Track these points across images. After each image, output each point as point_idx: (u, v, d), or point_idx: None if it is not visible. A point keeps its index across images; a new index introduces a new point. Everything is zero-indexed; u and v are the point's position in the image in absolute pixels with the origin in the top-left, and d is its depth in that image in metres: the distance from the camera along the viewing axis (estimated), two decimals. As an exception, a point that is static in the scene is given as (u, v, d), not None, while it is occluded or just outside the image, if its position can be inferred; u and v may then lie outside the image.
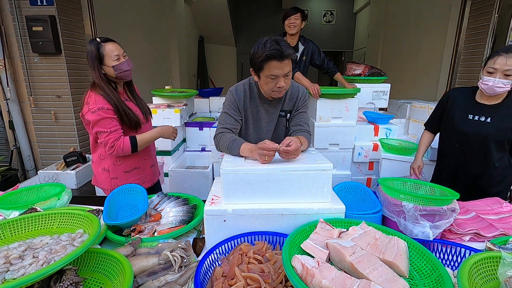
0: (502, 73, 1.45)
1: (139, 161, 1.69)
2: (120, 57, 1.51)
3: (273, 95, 1.37)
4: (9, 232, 0.98)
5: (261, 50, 1.24)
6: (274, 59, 1.22)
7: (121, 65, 1.51)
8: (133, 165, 1.67)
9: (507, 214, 1.33)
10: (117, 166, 1.63)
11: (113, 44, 1.52)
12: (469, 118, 1.63)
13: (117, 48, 1.51)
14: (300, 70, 2.83)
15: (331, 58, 3.03)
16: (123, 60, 1.53)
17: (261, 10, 8.70)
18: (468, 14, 3.28)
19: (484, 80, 1.51)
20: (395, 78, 4.33)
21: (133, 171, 1.68)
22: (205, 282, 0.92)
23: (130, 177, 1.67)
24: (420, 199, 1.17)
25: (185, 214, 1.29)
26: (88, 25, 3.34)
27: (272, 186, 1.12)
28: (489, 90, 1.51)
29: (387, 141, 2.57)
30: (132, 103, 1.66)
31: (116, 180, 1.65)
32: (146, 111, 1.70)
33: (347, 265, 0.85)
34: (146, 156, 1.74)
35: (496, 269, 0.80)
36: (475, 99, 1.65)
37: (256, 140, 1.26)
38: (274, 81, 1.28)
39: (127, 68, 1.53)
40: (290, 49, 1.25)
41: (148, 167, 1.76)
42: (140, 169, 1.71)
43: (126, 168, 1.65)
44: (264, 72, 1.28)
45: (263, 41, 1.26)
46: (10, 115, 3.23)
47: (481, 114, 1.61)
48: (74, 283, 0.77)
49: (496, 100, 1.59)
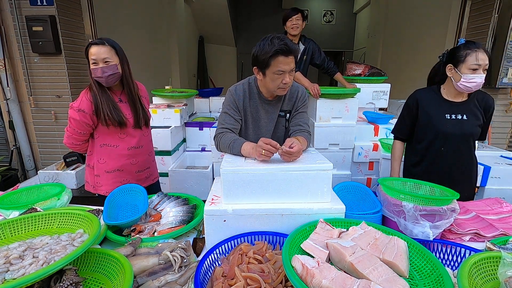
0: (483, 68, 1.44)
1: (123, 164, 1.68)
2: (98, 62, 1.49)
3: (278, 92, 1.37)
4: (9, 232, 0.98)
5: (268, 47, 1.25)
6: (281, 54, 1.24)
7: (95, 71, 1.50)
8: (115, 166, 1.67)
9: (507, 214, 1.33)
10: (100, 164, 1.67)
11: (98, 47, 1.49)
12: (447, 118, 1.58)
13: (97, 52, 1.48)
14: (300, 69, 2.83)
15: (331, 58, 3.03)
16: (100, 66, 1.49)
17: (261, 10, 8.70)
18: (468, 14, 3.28)
19: (469, 79, 1.46)
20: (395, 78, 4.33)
21: (114, 173, 1.68)
22: (205, 282, 0.92)
23: (111, 178, 1.68)
24: (420, 199, 1.17)
25: (185, 214, 1.29)
26: (88, 25, 3.34)
27: (272, 186, 1.12)
28: (476, 88, 1.48)
29: (387, 141, 2.57)
30: (127, 106, 1.65)
31: (98, 178, 1.68)
32: (139, 120, 1.67)
33: (347, 265, 0.85)
34: (133, 161, 1.72)
35: (496, 269, 0.80)
36: (444, 97, 1.62)
37: (255, 140, 1.26)
38: (281, 77, 1.29)
39: (99, 74, 1.50)
40: (295, 46, 1.28)
41: (133, 172, 1.74)
42: (122, 172, 1.69)
43: (108, 168, 1.67)
44: (271, 68, 1.28)
45: (268, 38, 1.27)
46: (10, 115, 3.23)
47: (457, 112, 1.58)
48: (74, 283, 0.77)
49: (463, 97, 1.59)
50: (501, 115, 3.21)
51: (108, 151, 1.65)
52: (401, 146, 1.83)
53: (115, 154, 1.66)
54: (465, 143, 1.60)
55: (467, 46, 1.47)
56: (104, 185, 1.68)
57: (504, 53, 2.95)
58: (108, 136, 1.63)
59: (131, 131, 1.67)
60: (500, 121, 3.22)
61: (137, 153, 1.73)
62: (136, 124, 1.67)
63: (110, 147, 1.65)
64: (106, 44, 1.51)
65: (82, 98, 1.55)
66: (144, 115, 1.71)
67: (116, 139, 1.64)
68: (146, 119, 1.73)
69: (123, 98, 1.66)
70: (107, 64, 1.50)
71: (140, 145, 1.73)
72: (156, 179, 1.95)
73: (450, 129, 1.58)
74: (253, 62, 1.35)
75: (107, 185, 1.67)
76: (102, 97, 1.55)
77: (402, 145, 1.83)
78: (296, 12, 2.62)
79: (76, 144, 1.65)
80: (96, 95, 1.54)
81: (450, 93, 1.60)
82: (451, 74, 1.54)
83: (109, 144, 1.64)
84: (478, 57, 1.43)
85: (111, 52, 1.52)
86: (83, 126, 1.57)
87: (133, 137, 1.69)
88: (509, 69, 2.99)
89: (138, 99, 1.69)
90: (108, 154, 1.66)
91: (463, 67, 1.47)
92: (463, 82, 1.48)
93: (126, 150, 1.67)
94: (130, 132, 1.67)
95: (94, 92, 1.55)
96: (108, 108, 1.55)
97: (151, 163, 1.87)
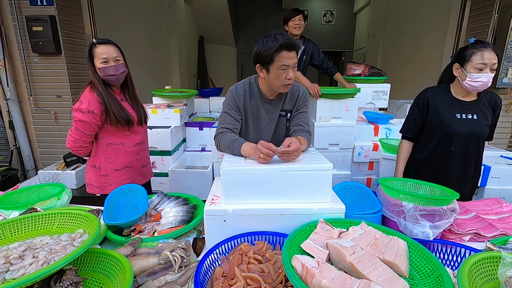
0: (490, 67, 1.43)
1: (130, 161, 1.74)
2: (109, 60, 1.53)
3: (282, 89, 1.37)
4: (9, 232, 0.98)
5: (272, 42, 1.26)
6: (285, 49, 1.26)
7: (107, 69, 1.53)
8: (124, 164, 1.71)
9: (507, 214, 1.33)
10: (108, 163, 1.69)
11: (106, 46, 1.53)
12: (457, 118, 1.56)
13: (108, 51, 1.53)
14: (300, 69, 2.83)
15: (331, 58, 3.03)
16: (112, 64, 1.54)
17: (261, 10, 8.70)
18: (468, 14, 3.28)
19: (474, 78, 1.45)
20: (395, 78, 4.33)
21: (124, 170, 1.72)
22: (205, 282, 0.92)
23: (121, 176, 1.71)
24: (420, 199, 1.17)
25: (185, 214, 1.29)
26: (88, 25, 3.34)
27: (272, 186, 1.12)
28: (482, 87, 1.47)
29: (387, 141, 2.57)
30: (128, 105, 1.70)
31: (106, 177, 1.70)
32: (141, 117, 1.73)
33: (347, 265, 0.85)
34: (138, 157, 1.78)
35: (496, 269, 0.80)
36: (454, 97, 1.60)
37: (256, 140, 1.26)
38: (285, 72, 1.30)
39: (112, 72, 1.54)
40: (297, 41, 1.31)
41: (138, 168, 1.81)
42: (130, 169, 1.75)
43: (117, 166, 1.70)
44: (275, 63, 1.29)
45: (271, 35, 1.28)
46: (10, 115, 3.23)
47: (467, 112, 1.56)
48: (74, 283, 0.77)
49: (472, 96, 1.58)
50: (501, 115, 3.17)
51: (115, 149, 1.68)
52: (408, 146, 1.77)
53: (123, 152, 1.69)
54: (475, 143, 1.58)
55: (474, 45, 1.46)
56: (113, 184, 1.69)
57: (504, 53, 2.95)
58: (113, 135, 1.65)
59: (136, 128, 1.72)
60: (500, 121, 3.17)
61: (141, 149, 1.80)
62: (139, 121, 1.72)
63: (117, 146, 1.68)
64: (112, 43, 1.56)
65: (89, 99, 1.53)
66: (144, 112, 1.77)
67: (122, 137, 1.67)
68: (145, 116, 1.79)
69: (123, 97, 1.70)
70: (118, 62, 1.56)
71: (143, 141, 1.80)
72: (152, 175, 2.00)
73: (460, 129, 1.56)
74: (256, 60, 1.35)
75: (117, 183, 1.68)
76: (109, 96, 1.57)
77: (409, 145, 1.77)
78: (299, 12, 2.65)
79: (84, 146, 1.63)
80: (103, 95, 1.55)
81: (459, 93, 1.59)
82: (458, 73, 1.54)
83: (115, 143, 1.67)
84: (484, 56, 1.42)
85: (118, 51, 1.58)
86: (92, 127, 1.57)
87: (138, 134, 1.74)
88: (509, 69, 2.99)
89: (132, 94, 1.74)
90: (116, 152, 1.68)
91: (468, 66, 1.46)
92: (468, 81, 1.47)
93: (132, 147, 1.72)
94: (134, 129, 1.71)
95: (99, 92, 1.55)
96: (116, 108, 1.57)
97: (149, 159, 1.94)
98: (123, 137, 1.68)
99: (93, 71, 1.55)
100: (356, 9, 8.45)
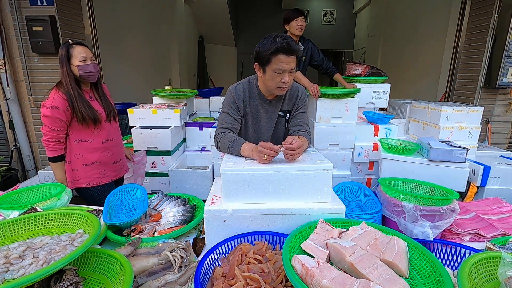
0: None
1: (99, 156, 1.79)
2: (87, 59, 1.66)
3: (277, 92, 1.37)
4: (9, 232, 0.98)
5: (271, 43, 1.26)
6: (283, 52, 1.25)
7: (86, 66, 1.65)
8: (92, 159, 1.77)
9: (507, 214, 1.33)
10: (77, 159, 1.75)
11: (83, 47, 1.67)
12: None
13: (86, 51, 1.66)
14: (299, 69, 2.83)
15: (331, 58, 3.04)
16: (89, 63, 1.66)
17: (261, 10, 8.71)
18: (468, 14, 3.28)
19: None
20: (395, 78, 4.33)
21: (92, 165, 1.78)
22: (205, 282, 0.92)
23: (89, 171, 1.78)
24: (420, 199, 1.17)
25: (185, 214, 1.29)
26: (88, 25, 3.34)
27: (272, 186, 1.12)
28: None
29: (387, 141, 2.56)
30: (97, 102, 1.78)
31: (76, 171, 1.76)
32: (110, 113, 1.81)
33: (347, 265, 0.85)
34: (109, 153, 1.84)
35: (496, 269, 0.80)
36: None
37: (255, 140, 1.26)
38: (280, 76, 1.30)
39: (91, 70, 1.66)
40: (297, 46, 1.29)
41: (109, 163, 1.85)
42: (100, 164, 1.80)
43: (85, 162, 1.76)
44: (272, 65, 1.29)
45: (272, 36, 1.28)
46: (10, 115, 3.23)
47: None
48: (74, 283, 0.77)
49: None
50: (501, 115, 3.21)
51: (83, 146, 1.74)
52: None
53: (91, 148, 1.76)
54: None
55: None
56: (83, 178, 1.77)
57: (504, 53, 2.95)
58: (81, 132, 1.72)
59: (104, 125, 1.79)
60: (500, 121, 3.21)
61: (111, 146, 1.85)
62: (107, 117, 1.79)
63: (85, 142, 1.74)
64: (86, 45, 1.70)
65: (54, 96, 1.62)
66: (113, 109, 1.85)
67: (90, 133, 1.74)
68: (114, 113, 1.87)
69: (93, 95, 1.78)
70: (93, 62, 1.69)
71: (112, 137, 1.85)
72: (126, 171, 2.06)
73: None
74: (255, 59, 1.35)
75: (86, 177, 1.77)
76: (77, 95, 1.65)
77: None
78: (301, 13, 2.65)
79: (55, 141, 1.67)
80: (70, 93, 1.63)
81: None
82: None
83: (83, 140, 1.74)
84: None
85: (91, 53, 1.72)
86: (57, 122, 1.64)
87: (106, 130, 1.81)
88: (509, 69, 2.99)
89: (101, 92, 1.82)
90: (84, 148, 1.75)
91: None
92: None
93: (101, 144, 1.79)
94: (103, 126, 1.78)
95: (66, 89, 1.63)
96: (83, 106, 1.65)
97: (122, 155, 1.99)
98: (91, 134, 1.74)
99: (67, 69, 1.63)
100: (356, 9, 8.45)
